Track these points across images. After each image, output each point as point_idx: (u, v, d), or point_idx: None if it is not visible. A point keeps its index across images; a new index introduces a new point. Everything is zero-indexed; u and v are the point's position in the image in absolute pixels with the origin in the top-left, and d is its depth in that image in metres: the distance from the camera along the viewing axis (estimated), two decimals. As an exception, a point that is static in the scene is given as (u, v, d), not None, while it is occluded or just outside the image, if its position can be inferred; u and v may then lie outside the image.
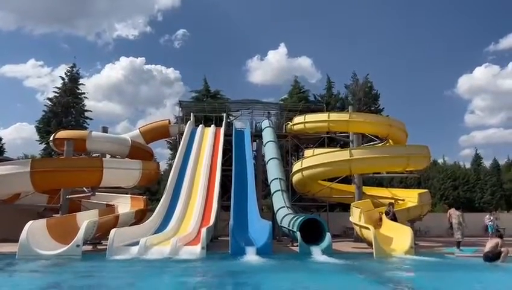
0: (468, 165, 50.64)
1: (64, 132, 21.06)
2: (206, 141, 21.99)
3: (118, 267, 10.08)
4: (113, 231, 11.82)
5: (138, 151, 20.79)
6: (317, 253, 12.22)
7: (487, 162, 50.64)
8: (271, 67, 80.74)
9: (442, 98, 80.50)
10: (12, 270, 9.60)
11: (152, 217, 15.15)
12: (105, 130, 21.85)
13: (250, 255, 11.36)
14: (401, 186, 31.48)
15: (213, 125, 24.24)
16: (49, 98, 33.28)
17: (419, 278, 9.51)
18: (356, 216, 15.13)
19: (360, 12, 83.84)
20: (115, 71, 77.51)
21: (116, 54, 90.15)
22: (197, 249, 11.60)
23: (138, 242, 11.58)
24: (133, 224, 15.37)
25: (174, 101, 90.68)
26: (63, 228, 12.76)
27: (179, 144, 21.69)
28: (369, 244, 13.37)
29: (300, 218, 13.54)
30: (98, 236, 13.91)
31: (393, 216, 14.90)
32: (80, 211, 15.75)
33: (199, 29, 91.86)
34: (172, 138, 27.96)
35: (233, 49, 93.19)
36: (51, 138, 20.26)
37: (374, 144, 21.61)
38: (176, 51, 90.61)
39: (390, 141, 20.63)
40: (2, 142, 34.08)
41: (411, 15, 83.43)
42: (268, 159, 20.57)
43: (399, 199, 19.87)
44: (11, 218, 14.84)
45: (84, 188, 16.82)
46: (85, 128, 31.43)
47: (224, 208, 20.57)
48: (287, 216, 15.19)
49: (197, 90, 35.61)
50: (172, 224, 14.90)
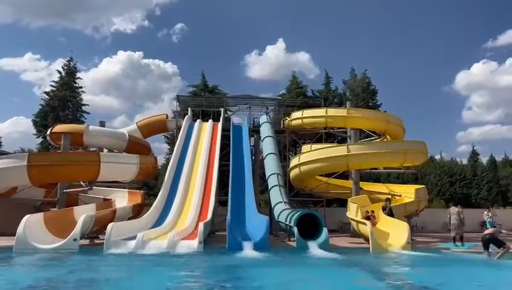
0: (465, 161, 50.88)
1: (61, 126, 20.98)
2: (204, 136, 21.98)
3: (115, 261, 10.10)
4: (110, 225, 11.83)
5: (136, 146, 20.75)
6: (314, 248, 12.27)
7: (484, 159, 50.81)
8: (269, 62, 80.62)
9: (440, 94, 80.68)
10: (9, 264, 9.60)
11: (149, 212, 15.17)
12: (102, 124, 21.78)
13: (247, 250, 11.39)
14: (398, 182, 31.56)
15: (211, 120, 24.22)
16: (46, 92, 33.13)
17: (415, 273, 9.56)
18: (353, 211, 15.19)
19: (358, 8, 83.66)
20: (112, 65, 77.26)
21: (113, 48, 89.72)
22: (194, 244, 11.64)
23: (135, 236, 11.61)
24: (131, 218, 15.39)
25: (172, 95, 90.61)
26: (60, 222, 12.77)
27: (177, 139, 21.66)
28: (366, 240, 13.43)
29: (298, 213, 13.58)
30: (96, 230, 13.94)
31: (390, 211, 14.96)
32: (77, 205, 15.74)
33: (197, 23, 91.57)
34: (170, 132, 27.90)
35: (232, 43, 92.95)
36: (48, 132, 20.17)
37: (372, 140, 21.63)
38: (174, 45, 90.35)
39: (388, 137, 20.66)
40: (-1, 136, 33.98)
41: (409, 11, 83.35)
42: (266, 155, 20.58)
43: (396, 195, 19.94)
44: (8, 212, 14.81)
45: (81, 182, 16.81)
46: (82, 122, 31.33)
47: (221, 203, 20.58)
48: (284, 211, 15.23)
49: (194, 84, 35.56)
50: (169, 218, 14.93)
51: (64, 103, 32.47)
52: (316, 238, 12.92)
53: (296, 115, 22.64)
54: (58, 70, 34.29)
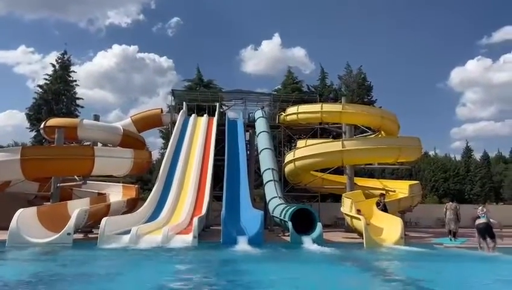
0: (458, 157, 51.22)
1: (55, 119, 20.82)
2: (199, 131, 21.92)
3: (109, 255, 10.08)
4: (104, 219, 11.80)
5: (130, 140, 20.65)
6: (308, 243, 12.32)
7: (477, 155, 51.19)
8: (265, 57, 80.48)
9: (435, 91, 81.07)
10: (2, 258, 9.56)
11: (144, 206, 15.14)
12: (96, 118, 21.64)
13: (242, 245, 11.42)
14: (392, 178, 31.72)
15: (206, 115, 24.14)
16: (40, 85, 32.80)
17: (407, 268, 9.63)
18: (347, 207, 15.24)
19: (354, 4, 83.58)
20: (107, 59, 76.84)
21: (108, 41, 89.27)
22: (188, 238, 11.65)
23: (129, 231, 11.59)
24: (125, 213, 15.35)
25: (167, 90, 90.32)
26: (53, 216, 12.73)
27: (172, 133, 21.59)
28: (360, 235, 13.49)
29: (292, 208, 13.61)
30: (90, 224, 13.89)
31: (384, 207, 15.03)
32: (71, 200, 15.68)
33: (193, 17, 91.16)
34: (165, 127, 27.80)
35: (227, 38, 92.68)
36: (42, 125, 20.01)
37: (366, 136, 21.68)
38: (169, 39, 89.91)
39: (383, 133, 20.71)
40: (-8, 129, 33.70)
41: (405, 8, 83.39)
42: (261, 150, 20.58)
43: (390, 190, 20.03)
44: (1, 206, 14.69)
45: (75, 177, 16.73)
46: (76, 116, 31.09)
47: (216, 198, 20.59)
48: (278, 206, 15.26)
49: (189, 79, 35.39)
50: (164, 213, 14.91)
51: (58, 96, 32.19)
52: (310, 233, 12.96)
53: (291, 110, 22.64)
54: (52, 64, 34.00)
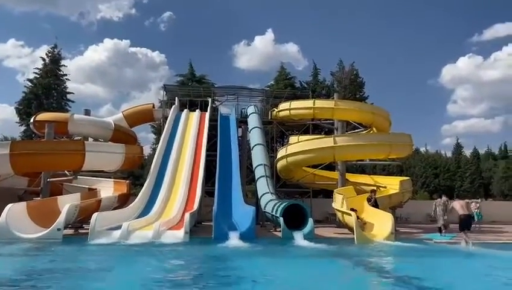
0: (449, 153, 51.72)
1: (45, 114, 20.60)
2: (191, 126, 21.82)
3: (99, 251, 10.03)
4: (95, 215, 11.74)
5: (121, 135, 20.52)
6: (299, 238, 12.37)
7: (468, 151, 51.79)
8: (258, 53, 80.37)
9: (426, 88, 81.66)
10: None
11: (135, 202, 15.07)
12: (87, 112, 21.45)
13: (233, 240, 11.42)
14: (383, 174, 31.92)
15: (198, 110, 24.03)
16: (30, 79, 32.51)
17: (397, 263, 9.73)
18: (339, 202, 15.30)
19: (347, 1, 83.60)
20: (98, 53, 76.16)
21: (99, 35, 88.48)
22: (180, 234, 11.63)
23: (120, 226, 11.53)
24: (116, 208, 15.28)
25: (159, 85, 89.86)
26: (43, 211, 12.63)
27: (163, 129, 21.48)
28: (351, 230, 13.56)
29: (284, 203, 13.65)
30: (80, 220, 13.80)
31: (375, 203, 15.12)
32: (62, 195, 15.55)
33: (185, 12, 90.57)
34: (157, 122, 27.65)
35: (220, 33, 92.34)
36: (32, 120, 19.81)
37: (358, 132, 21.76)
38: (162, 33, 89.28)
39: (374, 129, 20.81)
40: (-19, 123, 33.29)
41: (397, 5, 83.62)
42: (253, 145, 20.57)
43: (381, 186, 20.12)
44: (-10, 201, 14.56)
45: (65, 172, 16.58)
46: (67, 110, 30.76)
47: (208, 193, 20.55)
48: (270, 202, 15.28)
49: (182, 74, 35.19)
50: (155, 208, 14.85)
51: (48, 90, 31.86)
52: (302, 229, 13.02)
53: (283, 106, 22.63)
54: (42, 58, 33.66)
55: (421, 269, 8.15)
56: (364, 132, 21.33)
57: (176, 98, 24.97)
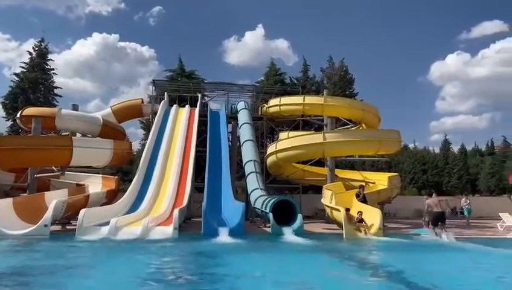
0: (437, 150, 52.24)
1: (31, 108, 20.31)
2: (180, 121, 21.70)
3: (87, 247, 9.94)
4: (82, 211, 11.63)
5: (110, 131, 20.33)
6: (288, 234, 12.42)
7: (455, 148, 52.37)
8: (248, 49, 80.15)
9: (415, 84, 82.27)
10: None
11: (124, 198, 14.95)
12: (75, 107, 21.19)
13: (223, 236, 11.40)
14: (372, 170, 32.16)
15: (188, 106, 23.90)
16: (16, 74, 31.97)
17: (385, 258, 9.82)
18: (328, 198, 15.39)
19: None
20: (86, 47, 75.24)
21: (88, 29, 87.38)
22: (169, 230, 11.59)
23: (109, 222, 11.43)
24: (105, 204, 15.13)
25: (148, 80, 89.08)
26: (30, 207, 12.48)
27: (152, 124, 21.32)
28: (340, 226, 13.65)
29: (273, 199, 13.67)
30: (68, 216, 13.65)
31: (364, 198, 15.23)
32: (49, 191, 15.36)
33: (175, 6, 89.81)
34: (146, 117, 27.44)
35: (210, 28, 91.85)
36: (18, 114, 19.51)
37: (348, 128, 21.87)
38: (151, 28, 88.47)
39: (364, 125, 20.92)
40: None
41: (387, 3, 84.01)
42: (243, 141, 20.54)
43: (370, 182, 20.30)
44: (-24, 197, 14.34)
45: (53, 167, 16.38)
46: (54, 105, 30.33)
47: (198, 189, 20.49)
48: (260, 197, 15.30)
49: (171, 69, 34.93)
50: (144, 205, 14.76)
51: (35, 85, 31.40)
52: (291, 225, 13.06)
53: (273, 102, 22.62)
54: (28, 51, 33.11)
55: (408, 264, 8.23)
56: (353, 128, 21.44)
57: (165, 93, 24.79)
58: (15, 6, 74.40)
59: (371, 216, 13.43)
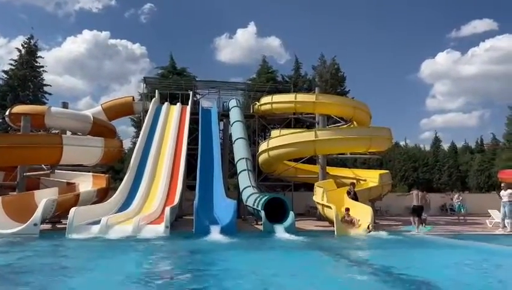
0: (428, 147, 52.64)
1: (21, 106, 20.05)
2: (172, 119, 21.60)
3: (77, 246, 9.87)
4: (73, 209, 11.53)
5: (100, 129, 20.15)
6: (280, 231, 12.45)
7: (446, 145, 52.79)
8: (240, 46, 79.88)
9: (406, 82, 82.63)
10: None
11: (114, 196, 14.87)
12: (65, 105, 20.98)
13: (214, 234, 11.38)
14: (364, 167, 32.31)
15: (179, 104, 23.78)
16: (5, 71, 31.61)
17: (376, 255, 9.89)
18: (319, 195, 15.45)
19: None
20: (77, 45, 74.35)
21: (78, 26, 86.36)
22: (160, 228, 11.55)
23: (99, 221, 11.36)
24: (95, 203, 15.03)
25: (139, 77, 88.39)
26: (20, 206, 12.37)
27: (143, 122, 21.21)
28: (331, 223, 13.72)
29: (265, 197, 13.69)
30: (58, 215, 13.54)
31: (355, 196, 15.31)
32: (39, 189, 15.21)
33: (166, 4, 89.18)
34: (137, 115, 27.27)
35: (202, 25, 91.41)
36: (7, 112, 19.27)
37: (339, 126, 21.96)
38: (142, 25, 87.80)
39: (355, 123, 21.03)
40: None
41: (378, 1, 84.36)
42: (235, 139, 20.52)
43: (361, 179, 20.40)
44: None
45: (42, 166, 16.22)
46: (44, 103, 30.12)
47: (189, 187, 20.42)
48: (252, 195, 15.31)
49: (162, 66, 34.76)
50: (135, 203, 14.69)
51: (24, 82, 31.09)
52: (283, 222, 13.09)
53: (265, 100, 22.64)
54: (17, 49, 32.76)
55: (398, 260, 8.30)
56: (345, 126, 21.53)
57: (156, 91, 24.65)
58: (3, 3, 73.31)
59: (362, 213, 13.52)
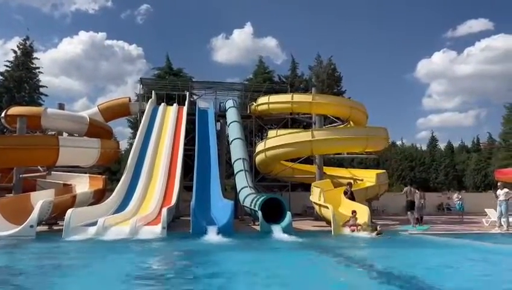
0: (424, 147, 52.83)
1: (17, 108, 19.96)
2: (168, 120, 21.57)
3: (74, 248, 9.84)
4: (69, 211, 11.48)
5: (97, 130, 20.09)
6: (277, 231, 12.43)
7: (442, 144, 53.02)
8: (236, 47, 79.86)
9: (402, 82, 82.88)
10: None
11: (111, 197, 14.82)
12: (61, 106, 20.91)
13: (212, 235, 11.37)
14: (361, 167, 32.36)
15: (176, 104, 23.76)
16: (1, 72, 31.47)
17: (373, 254, 9.91)
18: (316, 195, 15.47)
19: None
20: (73, 46, 74.19)
21: (74, 27, 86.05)
22: (157, 229, 11.52)
23: (96, 222, 11.33)
24: (92, 204, 14.99)
25: (135, 78, 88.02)
26: (16, 208, 12.32)
27: (140, 123, 21.17)
28: (328, 223, 13.74)
29: (262, 197, 13.69)
30: (55, 216, 13.50)
31: (352, 195, 15.34)
32: (35, 191, 15.16)
33: (163, 4, 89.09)
34: (133, 116, 27.24)
35: (198, 26, 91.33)
36: (3, 114, 19.17)
37: (336, 126, 22.00)
38: (139, 26, 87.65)
39: (351, 123, 21.08)
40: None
41: (374, 0, 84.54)
42: (232, 139, 20.52)
43: (358, 179, 20.45)
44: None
45: (39, 167, 16.16)
46: (40, 104, 29.99)
47: (186, 188, 20.41)
48: (249, 196, 15.31)
49: (159, 67, 34.74)
50: (132, 204, 14.64)
51: (20, 84, 31.00)
52: (280, 222, 13.09)
53: (262, 100, 22.67)
54: (13, 50, 32.67)
55: (395, 259, 8.33)
56: (341, 126, 21.58)
57: (153, 91, 24.62)
58: (-1, 4, 73.01)
59: (358, 213, 13.54)
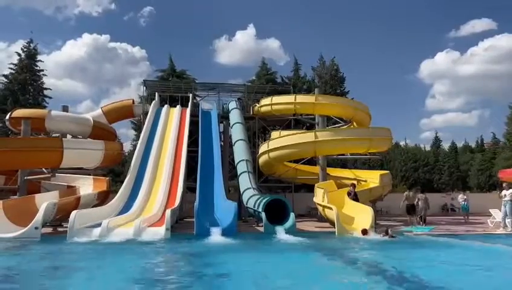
0: (428, 147, 52.61)
1: (21, 110, 20.08)
2: (172, 122, 21.64)
3: (78, 249, 9.87)
4: (74, 212, 11.53)
5: (100, 132, 20.19)
6: (281, 233, 12.44)
7: (446, 145, 52.76)
8: (239, 48, 80.00)
9: (405, 82, 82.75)
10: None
11: (115, 199, 14.88)
12: (65, 109, 21.00)
13: (215, 236, 11.39)
14: (365, 168, 32.29)
15: (179, 106, 23.82)
16: (5, 75, 31.65)
17: (376, 255, 9.88)
18: (320, 196, 15.44)
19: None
20: (77, 48, 74.60)
21: (78, 30, 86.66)
22: (161, 231, 11.54)
23: (100, 224, 11.37)
24: (96, 206, 15.04)
25: (139, 80, 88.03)
26: (21, 210, 12.38)
27: (144, 125, 21.24)
28: (332, 224, 13.71)
29: (266, 198, 13.70)
30: (59, 218, 13.56)
31: (355, 196, 15.29)
32: (40, 193, 15.23)
33: (166, 7, 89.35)
34: (137, 118, 27.31)
35: (201, 28, 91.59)
36: (7, 116, 19.30)
37: (339, 126, 21.96)
38: (142, 28, 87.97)
39: (355, 124, 21.03)
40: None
41: (376, 1, 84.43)
42: (235, 141, 20.54)
43: (361, 180, 20.38)
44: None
45: (43, 169, 16.24)
46: (44, 107, 30.14)
47: (190, 189, 20.44)
48: (252, 197, 15.32)
49: (162, 69, 34.82)
50: (136, 205, 14.70)
51: (24, 86, 31.17)
52: (284, 223, 13.09)
53: (265, 101, 22.66)
54: (17, 53, 32.82)
55: (398, 260, 8.31)
56: (344, 127, 21.53)
57: (156, 93, 24.70)
58: (3, 7, 73.48)
59: (362, 214, 13.50)
